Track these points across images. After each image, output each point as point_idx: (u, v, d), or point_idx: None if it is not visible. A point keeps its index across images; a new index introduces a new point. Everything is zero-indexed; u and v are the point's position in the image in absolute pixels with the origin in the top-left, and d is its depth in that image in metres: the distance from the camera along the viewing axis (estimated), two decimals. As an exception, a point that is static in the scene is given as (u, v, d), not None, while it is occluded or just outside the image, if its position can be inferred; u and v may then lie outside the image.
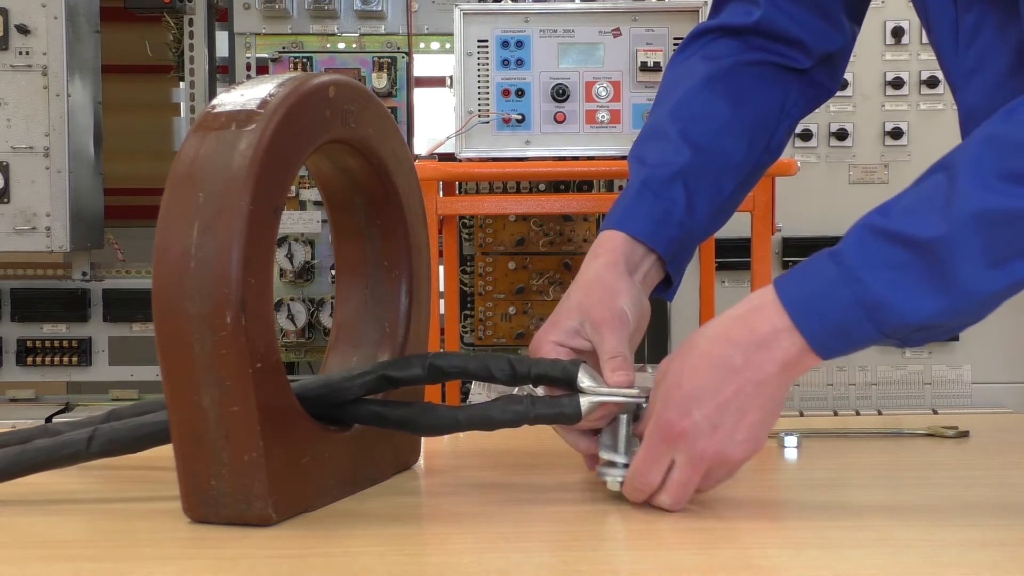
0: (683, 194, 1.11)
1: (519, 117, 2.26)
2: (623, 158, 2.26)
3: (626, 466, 0.96)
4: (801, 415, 2.60)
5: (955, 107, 1.15)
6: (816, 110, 1.25)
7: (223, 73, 2.98)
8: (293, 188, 2.80)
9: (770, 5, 1.17)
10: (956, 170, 0.88)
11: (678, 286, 1.14)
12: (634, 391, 0.97)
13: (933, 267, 0.87)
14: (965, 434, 1.22)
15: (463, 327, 2.87)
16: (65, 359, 2.87)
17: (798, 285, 0.91)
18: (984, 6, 1.06)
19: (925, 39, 2.86)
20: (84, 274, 2.87)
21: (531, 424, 0.97)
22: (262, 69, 2.86)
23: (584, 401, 0.96)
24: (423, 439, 1.12)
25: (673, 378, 0.92)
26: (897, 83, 2.87)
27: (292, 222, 2.83)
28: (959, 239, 0.86)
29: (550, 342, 1.03)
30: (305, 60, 2.81)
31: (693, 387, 0.91)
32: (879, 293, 0.88)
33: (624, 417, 0.97)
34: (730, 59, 1.17)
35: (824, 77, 1.22)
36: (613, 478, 0.96)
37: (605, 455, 0.97)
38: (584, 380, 0.97)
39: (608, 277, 1.06)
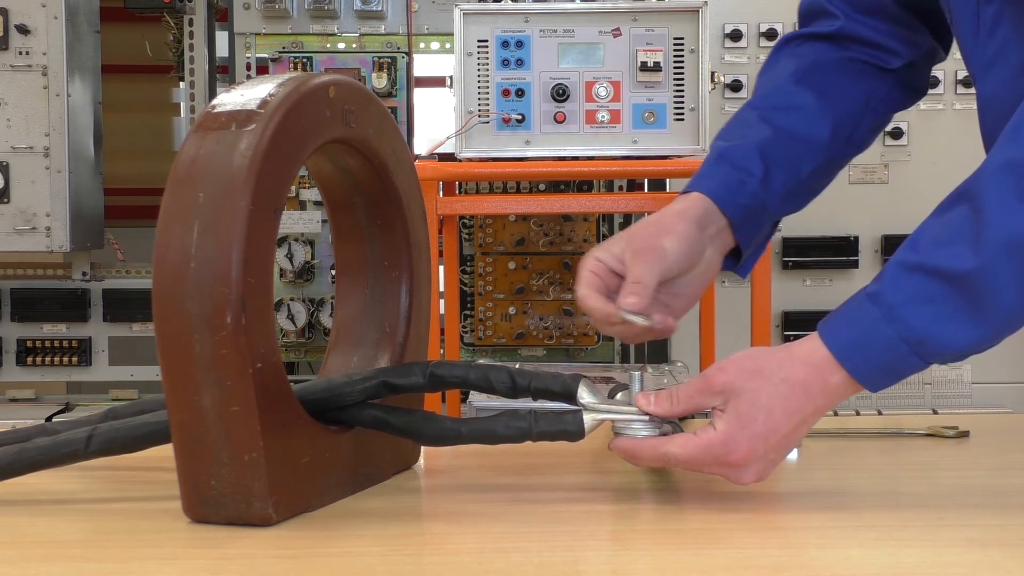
0: (760, 166, 1.15)
1: (519, 117, 2.26)
2: (623, 158, 2.27)
3: (648, 420, 0.97)
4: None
5: (955, 107, 1.17)
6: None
7: (223, 73, 2.98)
8: (293, 188, 2.80)
9: (848, 18, 1.22)
10: (979, 200, 0.91)
11: (751, 262, 1.18)
12: (633, 408, 0.97)
13: (970, 298, 0.90)
14: (965, 434, 1.22)
15: (463, 327, 2.87)
16: (65, 359, 2.87)
17: (843, 331, 0.94)
18: None
19: (925, 39, 2.86)
20: (84, 274, 2.87)
21: (534, 440, 0.97)
22: (262, 69, 2.86)
23: (587, 418, 0.96)
24: (423, 439, 1.12)
25: (749, 409, 0.93)
26: (897, 83, 2.87)
27: (292, 222, 2.83)
28: (992, 269, 0.89)
29: (593, 256, 1.08)
30: (305, 60, 2.81)
31: (767, 426, 0.93)
32: (921, 328, 0.91)
33: (637, 375, 0.98)
34: (816, 56, 1.22)
35: (914, 79, 1.25)
36: (635, 431, 0.97)
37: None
38: (584, 395, 0.97)
39: (667, 219, 1.11)
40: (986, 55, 1.10)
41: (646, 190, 2.83)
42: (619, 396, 0.99)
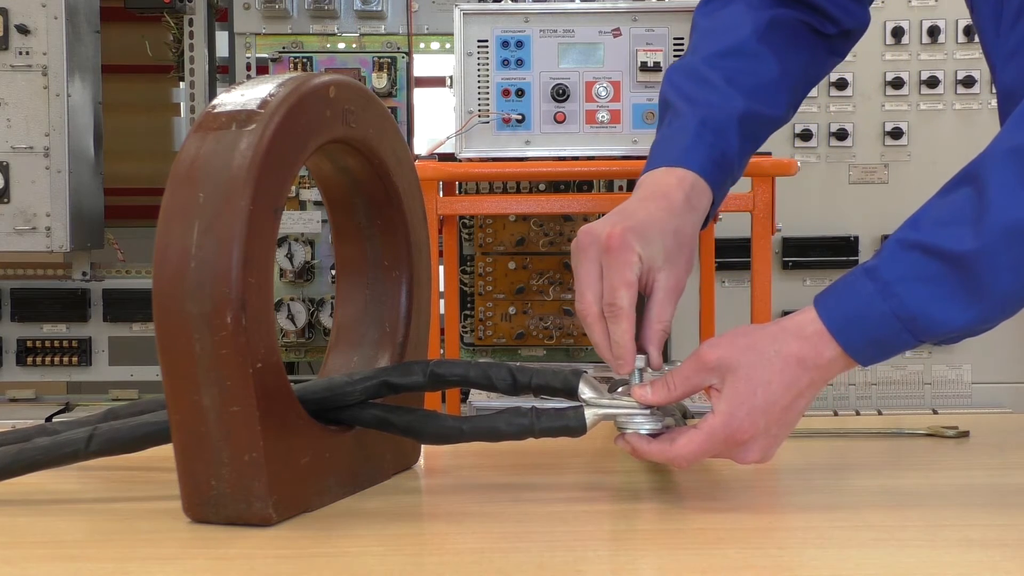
0: (737, 140, 1.12)
1: (519, 117, 2.26)
2: (623, 158, 2.27)
3: (650, 414, 0.97)
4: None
5: (955, 107, 1.17)
6: (815, 109, 1.26)
7: (223, 73, 2.98)
8: (293, 188, 2.80)
9: None
10: (983, 183, 0.91)
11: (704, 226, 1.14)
12: (633, 401, 0.97)
13: (966, 279, 0.90)
14: (965, 434, 1.22)
15: (463, 327, 2.87)
16: (65, 359, 2.87)
17: (838, 305, 0.94)
18: None
19: (925, 39, 2.87)
20: (84, 274, 2.87)
21: (536, 437, 0.97)
22: (262, 69, 2.86)
23: (589, 414, 0.96)
24: (423, 439, 1.12)
25: (746, 384, 0.94)
26: (897, 83, 2.87)
27: (292, 222, 2.83)
28: (991, 253, 0.89)
29: (635, 253, 1.00)
30: (305, 60, 2.81)
31: (765, 400, 0.94)
32: (915, 306, 0.92)
33: (636, 369, 0.98)
34: (770, 11, 1.18)
35: (841, 46, 1.25)
36: (638, 425, 0.97)
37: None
38: (585, 391, 0.97)
39: (687, 226, 1.05)
40: (1007, 46, 1.10)
41: (646, 190, 2.83)
42: (620, 390, 0.99)
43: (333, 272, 2.80)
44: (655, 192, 1.07)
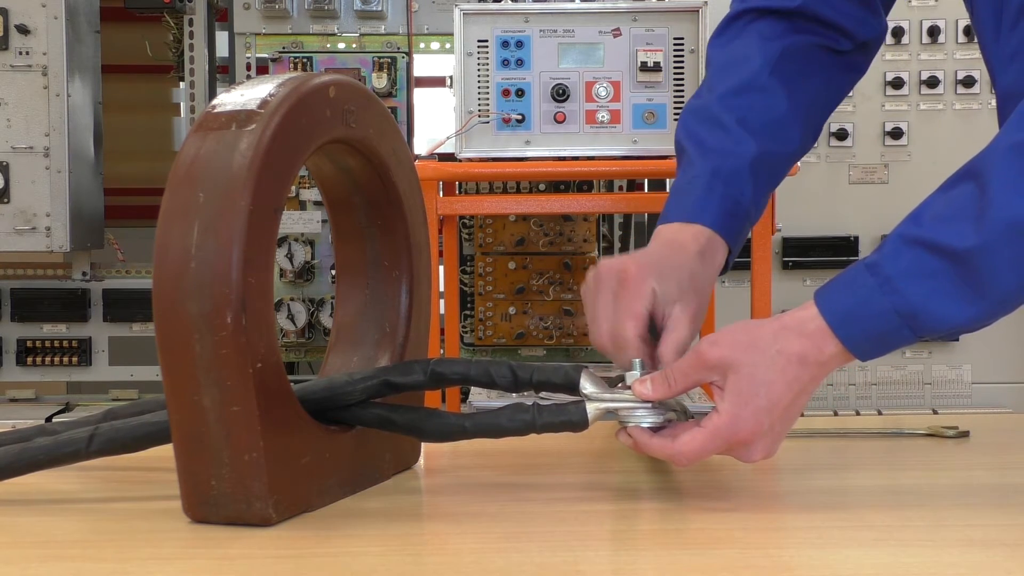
0: (751, 188, 1.14)
1: (519, 117, 2.26)
2: (623, 158, 2.27)
3: (651, 408, 0.97)
4: (802, 415, 2.60)
5: (955, 107, 1.16)
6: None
7: (223, 73, 2.98)
8: (293, 188, 2.80)
9: None
10: (985, 179, 0.91)
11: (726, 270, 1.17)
12: (633, 396, 0.97)
13: (967, 276, 0.90)
14: (965, 434, 1.22)
15: (463, 327, 2.87)
16: (65, 359, 2.86)
17: (839, 299, 0.95)
18: None
19: (925, 39, 2.87)
20: (84, 274, 2.87)
21: (538, 432, 0.97)
22: (262, 69, 2.86)
23: (591, 408, 0.96)
24: (423, 439, 1.12)
25: (749, 384, 0.94)
26: (897, 83, 2.87)
27: (292, 222, 2.83)
28: (992, 249, 0.89)
29: (650, 286, 1.04)
30: (305, 60, 2.81)
31: (769, 399, 0.94)
32: (915, 302, 0.92)
33: (637, 362, 0.99)
34: (781, 41, 1.19)
35: (860, 60, 1.25)
36: (639, 419, 0.97)
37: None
38: (587, 386, 0.97)
39: (704, 283, 1.09)
40: (1007, 49, 1.10)
41: (646, 190, 2.83)
42: (620, 384, 0.99)
43: (333, 272, 2.80)
44: (671, 241, 1.11)
